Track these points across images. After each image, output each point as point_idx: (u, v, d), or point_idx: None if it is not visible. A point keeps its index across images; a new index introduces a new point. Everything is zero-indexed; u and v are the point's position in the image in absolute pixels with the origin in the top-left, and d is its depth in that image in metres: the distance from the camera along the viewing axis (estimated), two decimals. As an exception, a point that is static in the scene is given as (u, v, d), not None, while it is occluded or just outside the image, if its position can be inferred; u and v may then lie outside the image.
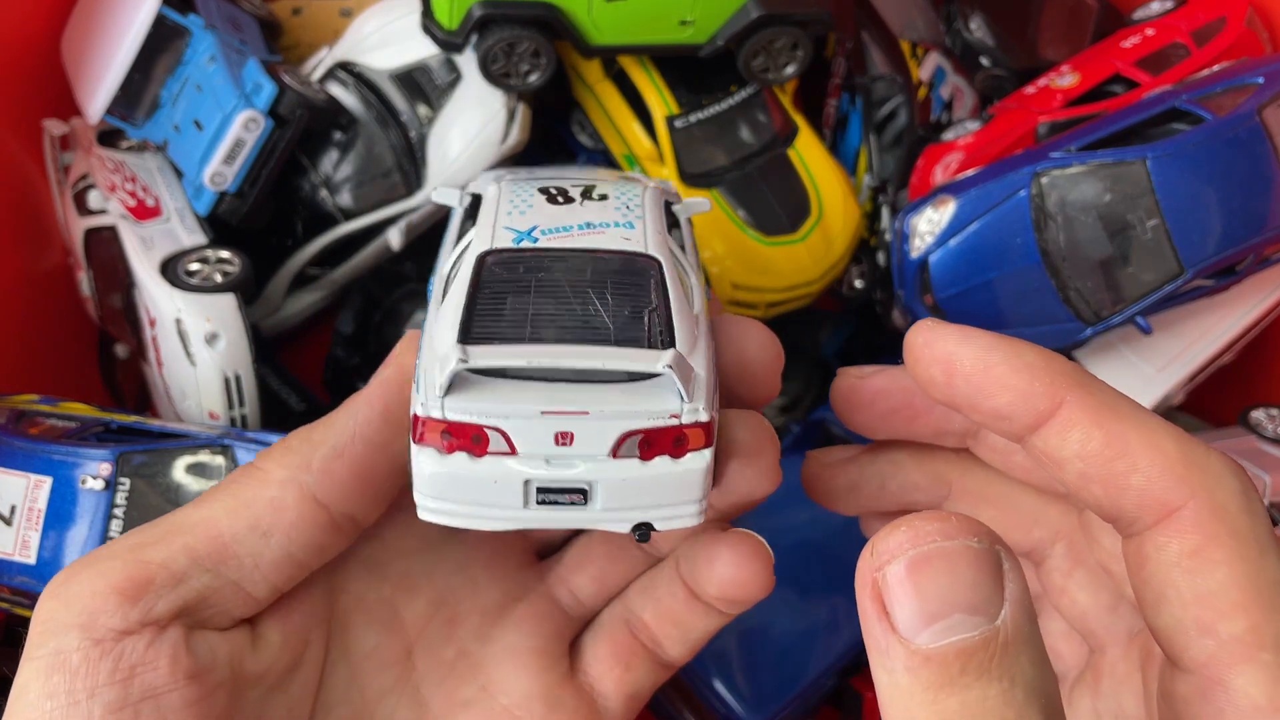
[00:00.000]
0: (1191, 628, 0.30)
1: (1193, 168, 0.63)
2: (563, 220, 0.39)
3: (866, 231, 0.81)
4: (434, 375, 0.32)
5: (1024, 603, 0.27)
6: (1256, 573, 0.30)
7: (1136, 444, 0.32)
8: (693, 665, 0.72)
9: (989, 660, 0.26)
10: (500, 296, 0.35)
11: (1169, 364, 0.72)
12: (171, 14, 0.70)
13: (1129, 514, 0.32)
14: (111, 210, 0.73)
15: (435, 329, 0.35)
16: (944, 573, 0.26)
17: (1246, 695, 0.29)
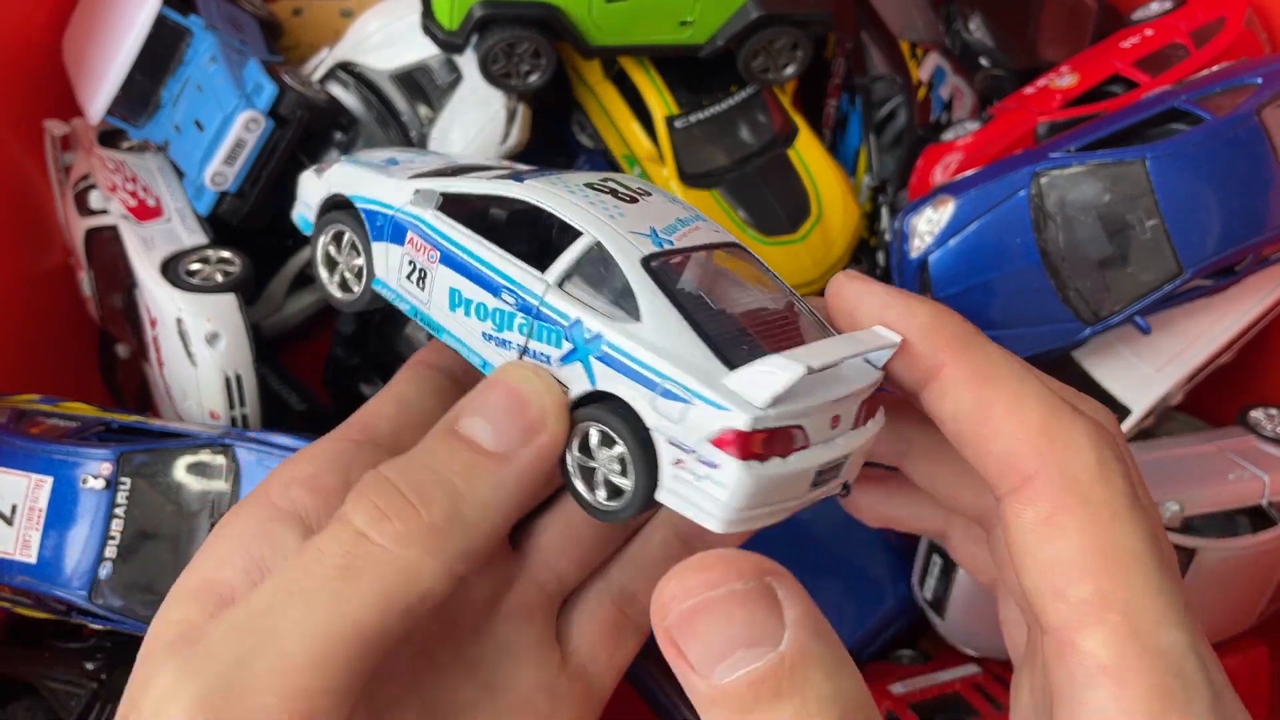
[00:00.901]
0: (1046, 592, 0.32)
1: (1192, 168, 0.63)
2: (660, 219, 0.39)
3: (866, 232, 0.82)
4: (750, 388, 0.33)
5: (806, 623, 0.29)
6: (1105, 538, 0.32)
7: (1001, 412, 0.34)
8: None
9: (778, 684, 0.28)
10: (702, 305, 0.36)
11: (1168, 364, 0.72)
12: (172, 14, 0.70)
13: (992, 479, 0.34)
14: (112, 210, 0.73)
15: (663, 344, 0.34)
16: (717, 617, 0.29)
17: (1094, 656, 0.31)
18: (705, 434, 0.33)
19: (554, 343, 0.37)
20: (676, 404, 0.33)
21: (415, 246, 0.41)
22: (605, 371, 0.35)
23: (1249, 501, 0.68)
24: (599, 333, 0.36)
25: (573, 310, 0.36)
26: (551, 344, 0.37)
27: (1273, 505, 0.68)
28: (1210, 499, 0.67)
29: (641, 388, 0.34)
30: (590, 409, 0.36)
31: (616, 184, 0.41)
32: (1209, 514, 0.67)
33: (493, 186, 0.41)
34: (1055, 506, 0.32)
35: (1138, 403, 0.72)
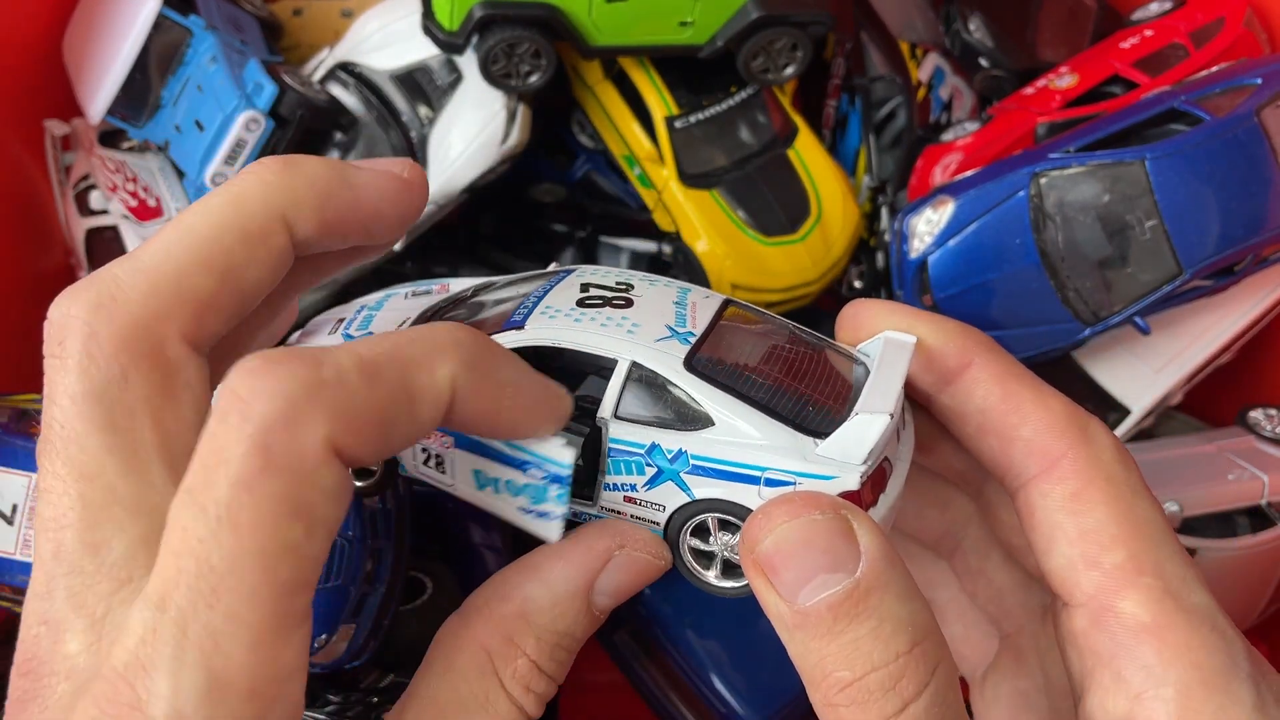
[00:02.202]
0: (1079, 562, 0.34)
1: (1191, 168, 0.63)
2: (664, 312, 0.39)
3: (866, 232, 0.82)
4: (847, 449, 0.34)
5: (880, 551, 0.32)
6: (1130, 510, 0.35)
7: (1029, 402, 0.37)
8: (693, 665, 0.72)
9: (855, 606, 0.31)
10: (754, 383, 0.37)
11: (1168, 364, 0.72)
12: (172, 15, 0.70)
13: (1018, 464, 0.37)
14: (113, 210, 0.74)
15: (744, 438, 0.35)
16: (799, 545, 0.32)
17: (1134, 616, 0.33)
18: None
19: (636, 471, 0.37)
20: (784, 489, 0.35)
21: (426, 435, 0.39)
22: (701, 480, 0.36)
23: (1248, 502, 0.68)
24: (680, 449, 0.36)
25: (643, 436, 0.37)
26: (633, 473, 0.37)
27: (1272, 505, 0.68)
28: (1210, 499, 0.67)
29: (744, 485, 0.35)
30: (706, 504, 0.36)
31: (598, 288, 0.40)
32: (1209, 514, 0.67)
33: (498, 340, 0.38)
34: (1084, 482, 0.35)
35: (1137, 403, 0.72)
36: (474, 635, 0.36)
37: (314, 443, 0.29)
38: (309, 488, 0.29)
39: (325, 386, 0.30)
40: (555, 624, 0.36)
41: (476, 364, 0.33)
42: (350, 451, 0.30)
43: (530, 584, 0.37)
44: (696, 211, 0.76)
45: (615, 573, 0.37)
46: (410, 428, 0.32)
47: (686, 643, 0.73)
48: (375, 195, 0.38)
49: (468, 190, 0.75)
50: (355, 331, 0.43)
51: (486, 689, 0.36)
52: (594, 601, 0.37)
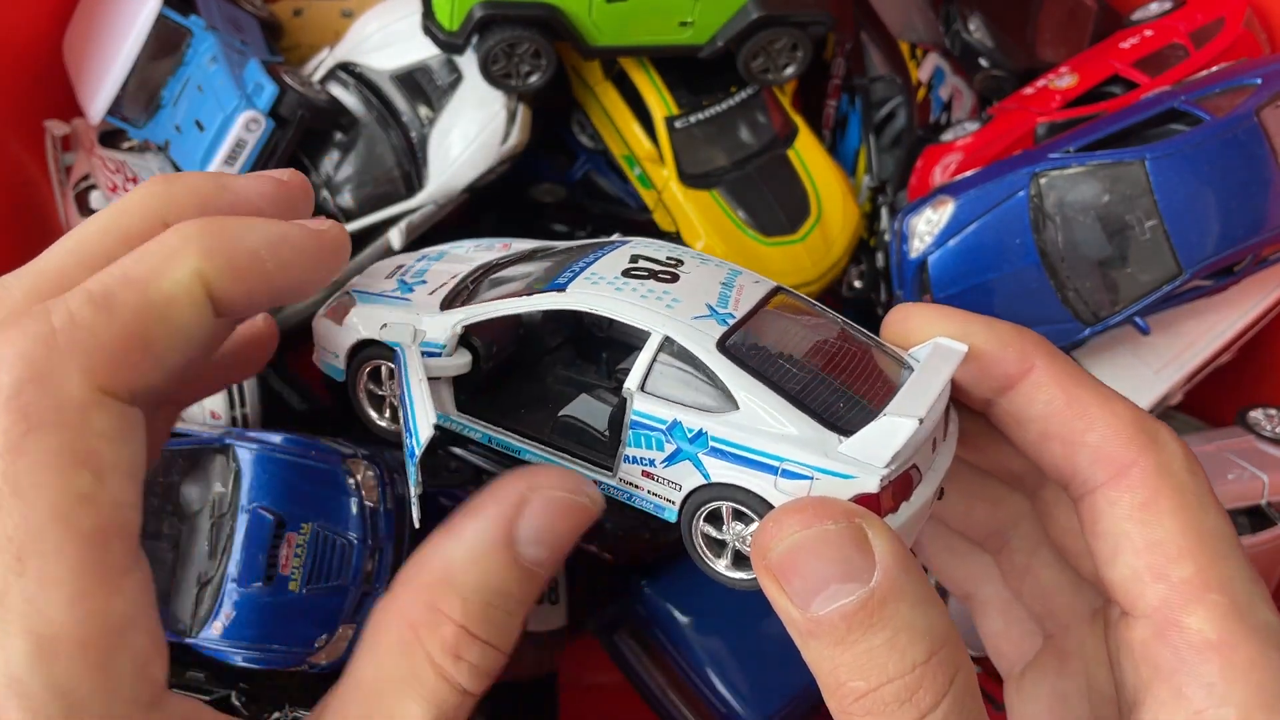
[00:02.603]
0: (1145, 574, 0.34)
1: (1191, 168, 0.63)
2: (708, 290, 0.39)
3: (866, 232, 0.82)
4: (870, 450, 0.33)
5: (896, 560, 0.31)
6: (1200, 522, 0.34)
7: (1095, 407, 0.36)
8: (693, 665, 0.72)
9: (869, 617, 0.30)
10: (786, 371, 0.36)
11: (1167, 364, 0.72)
12: (172, 15, 0.70)
13: (1084, 471, 0.36)
14: (113, 210, 0.74)
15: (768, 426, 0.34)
16: (812, 555, 0.31)
17: (1199, 633, 0.32)
18: None
19: (655, 446, 0.37)
20: (801, 482, 0.34)
21: None
22: (718, 464, 0.35)
23: (1249, 501, 0.68)
24: (701, 429, 0.35)
25: (666, 412, 0.36)
26: (653, 448, 0.37)
27: (1272, 505, 0.68)
28: (1209, 499, 0.67)
29: (761, 473, 0.35)
30: (721, 490, 0.36)
31: (647, 260, 0.40)
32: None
33: (537, 302, 0.39)
34: (1153, 492, 0.34)
35: (1137, 403, 0.72)
36: (397, 609, 0.34)
37: (72, 389, 0.30)
38: (84, 434, 0.30)
39: (60, 333, 0.30)
40: (481, 582, 0.33)
41: (217, 245, 0.33)
42: (121, 385, 0.31)
43: (448, 545, 0.34)
44: (696, 211, 0.76)
45: (533, 518, 0.35)
46: (175, 336, 0.32)
47: (687, 643, 0.73)
48: (253, 196, 0.38)
49: (468, 190, 0.75)
50: (410, 279, 0.43)
51: (413, 664, 0.33)
52: (521, 553, 0.34)
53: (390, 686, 0.33)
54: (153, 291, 0.32)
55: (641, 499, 0.38)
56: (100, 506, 0.30)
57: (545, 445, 0.40)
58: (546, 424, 0.40)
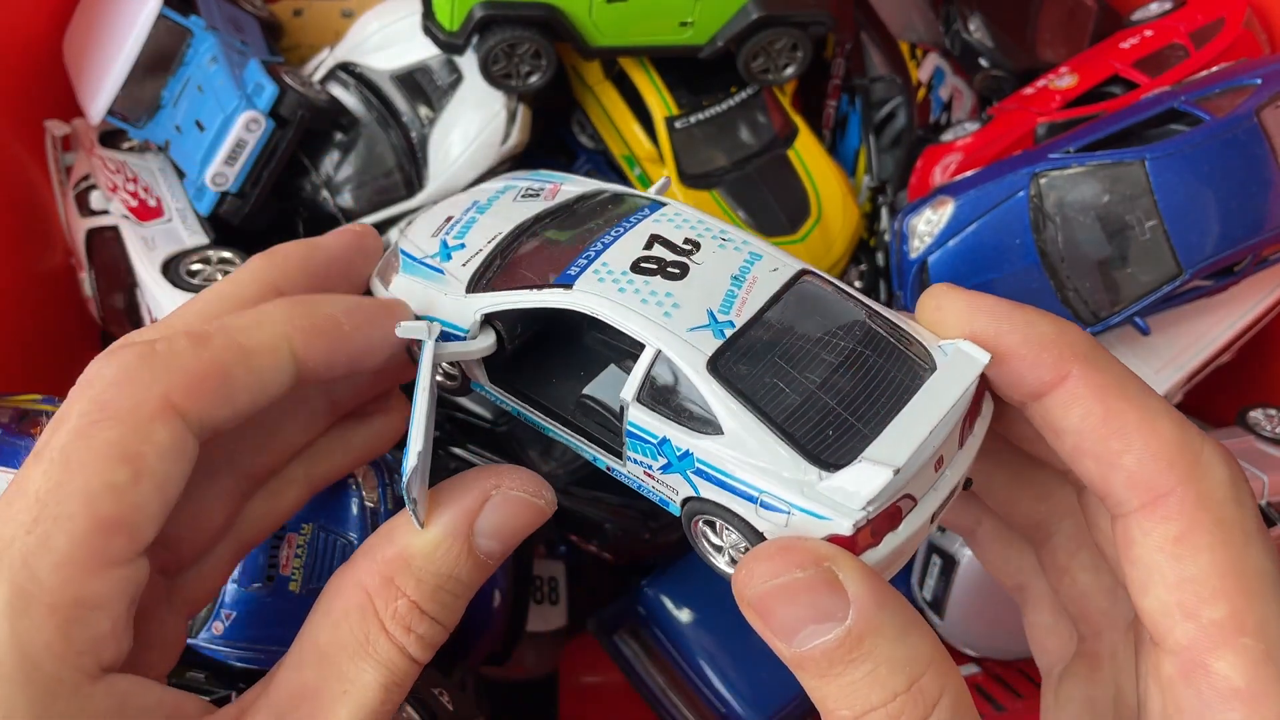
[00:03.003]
0: (1175, 611, 0.32)
1: (1191, 168, 0.63)
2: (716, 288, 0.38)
3: (866, 232, 0.82)
4: (847, 492, 0.33)
5: (870, 597, 0.31)
6: (1239, 560, 0.32)
7: (1134, 425, 0.33)
8: (693, 665, 0.72)
9: (848, 653, 0.31)
10: (779, 393, 0.35)
11: (1167, 364, 0.72)
12: (173, 15, 0.70)
13: (1118, 494, 0.34)
14: (113, 211, 0.74)
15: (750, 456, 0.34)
16: (782, 602, 0.32)
17: (1226, 679, 0.31)
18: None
19: (650, 456, 0.37)
20: (779, 515, 0.34)
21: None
22: (704, 484, 0.36)
23: (1248, 502, 0.68)
24: (688, 450, 0.36)
25: (657, 428, 0.37)
26: (648, 457, 0.38)
27: (1272, 505, 0.68)
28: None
29: (741, 500, 0.35)
30: (710, 504, 0.36)
31: (663, 244, 0.40)
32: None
33: (545, 298, 0.39)
34: (1189, 525, 0.32)
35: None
36: (356, 577, 0.37)
37: (148, 397, 0.34)
38: (141, 439, 0.33)
39: (157, 354, 0.34)
40: (436, 566, 0.37)
41: (303, 310, 0.38)
42: (191, 407, 0.34)
43: (412, 527, 0.37)
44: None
45: (493, 513, 0.37)
46: (252, 378, 0.36)
47: (687, 643, 0.73)
48: (339, 250, 0.44)
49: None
50: (452, 239, 0.44)
51: (367, 629, 0.36)
52: (477, 544, 0.37)
53: (345, 649, 0.36)
54: (242, 338, 0.36)
55: (649, 490, 0.39)
56: (122, 502, 0.33)
57: (567, 427, 0.41)
58: (572, 398, 0.41)
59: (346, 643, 0.36)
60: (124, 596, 0.33)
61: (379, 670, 0.36)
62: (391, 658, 0.36)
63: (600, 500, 0.72)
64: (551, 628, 0.81)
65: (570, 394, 0.41)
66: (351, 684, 0.36)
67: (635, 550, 0.77)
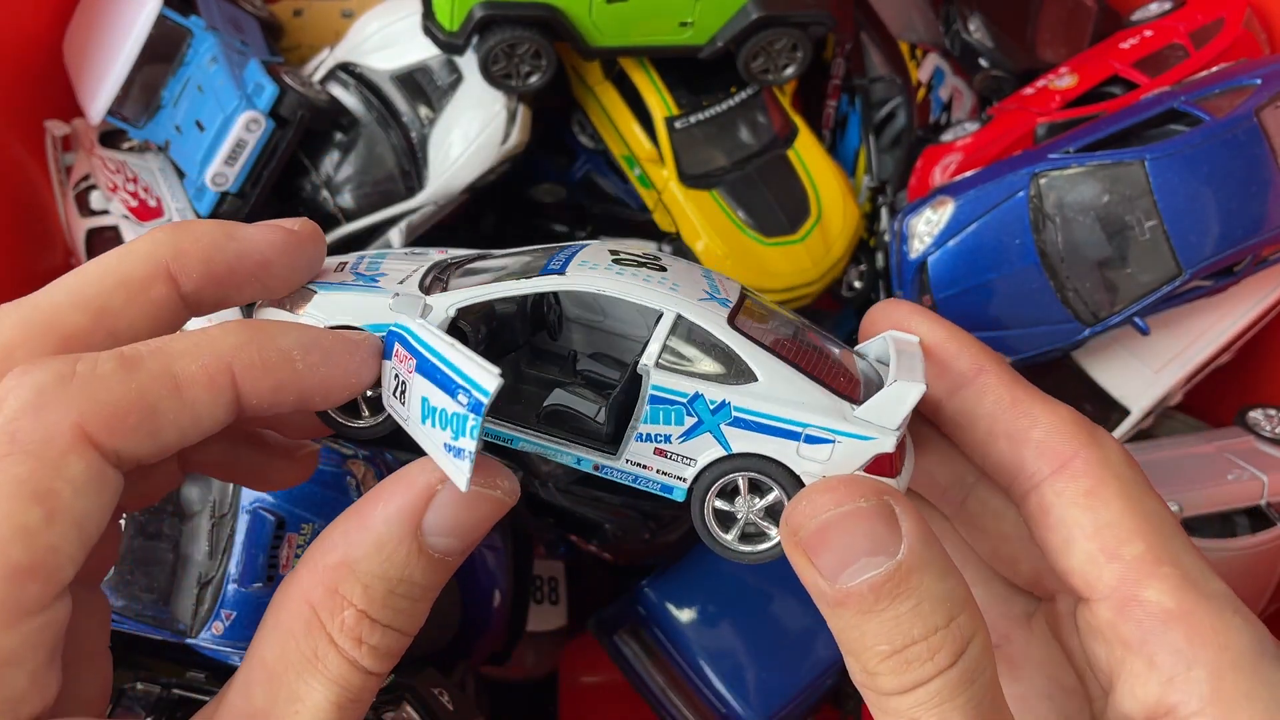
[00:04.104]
0: (1099, 555, 0.36)
1: (1191, 169, 0.63)
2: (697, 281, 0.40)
3: (866, 232, 0.82)
4: (884, 414, 0.36)
5: (920, 533, 0.33)
6: (1142, 505, 0.36)
7: (1038, 406, 0.38)
8: (693, 665, 0.72)
9: (896, 587, 0.32)
10: (788, 350, 0.38)
11: (1167, 364, 0.72)
12: (173, 15, 0.70)
13: (1030, 465, 0.38)
14: (113, 211, 0.74)
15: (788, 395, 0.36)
16: (843, 531, 0.33)
17: (1158, 604, 0.34)
18: (856, 465, 0.36)
19: (674, 421, 0.37)
20: (823, 446, 0.36)
21: (399, 358, 0.39)
22: (740, 434, 0.37)
23: (1248, 502, 0.68)
24: (724, 400, 0.37)
25: (688, 385, 0.37)
26: (670, 423, 0.37)
27: (1271, 506, 0.68)
28: (1209, 499, 0.67)
29: (784, 440, 0.36)
30: (740, 461, 0.37)
31: (627, 254, 0.41)
32: (1208, 514, 0.67)
33: (539, 284, 0.39)
34: (1096, 481, 0.36)
35: (1137, 403, 0.72)
36: (299, 590, 0.34)
37: (60, 429, 0.30)
38: (54, 474, 0.30)
39: (77, 377, 0.31)
40: (383, 569, 0.33)
41: (252, 339, 0.34)
42: (110, 441, 0.31)
43: (353, 530, 0.34)
44: (696, 212, 0.76)
45: (442, 509, 0.34)
46: (183, 414, 0.33)
47: (687, 643, 0.73)
48: (263, 246, 0.38)
49: (468, 190, 0.75)
50: (365, 272, 0.42)
51: (315, 644, 0.33)
52: (428, 543, 0.34)
53: (293, 667, 0.34)
54: (177, 366, 0.33)
55: (648, 480, 0.39)
56: (35, 545, 0.30)
57: (538, 433, 0.40)
58: (529, 415, 0.40)
59: (294, 660, 0.34)
60: (42, 645, 0.31)
61: (330, 687, 0.33)
62: (343, 673, 0.34)
63: (600, 500, 0.72)
64: (551, 628, 0.81)
65: (526, 411, 0.40)
66: (302, 703, 0.33)
67: (635, 550, 0.77)
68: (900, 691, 0.32)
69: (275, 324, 0.36)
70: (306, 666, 0.34)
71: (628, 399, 0.38)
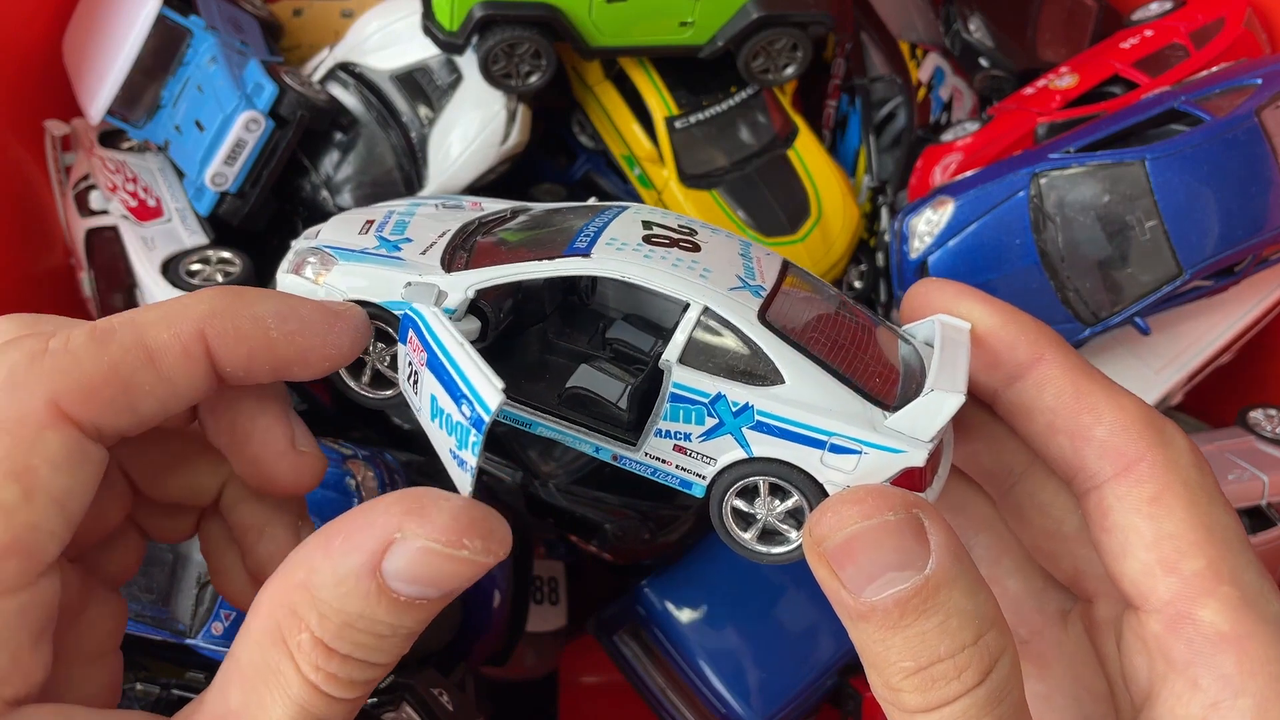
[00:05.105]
0: (1156, 567, 0.34)
1: (1191, 169, 0.63)
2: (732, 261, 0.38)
3: (866, 232, 0.82)
4: (917, 425, 0.34)
5: (949, 548, 0.32)
6: (1209, 516, 0.34)
7: (1103, 401, 0.36)
8: (693, 665, 0.72)
9: (923, 603, 0.31)
10: (822, 345, 0.36)
11: (1168, 364, 0.72)
12: (172, 15, 0.70)
13: (1091, 465, 0.36)
14: (113, 211, 0.74)
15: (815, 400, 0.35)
16: (870, 545, 0.31)
17: (1212, 625, 0.33)
18: (883, 478, 0.34)
19: (695, 420, 0.36)
20: (850, 456, 0.34)
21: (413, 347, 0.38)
22: (762, 439, 0.35)
23: (1249, 502, 0.68)
24: (747, 403, 0.35)
25: (710, 385, 0.35)
26: (691, 422, 0.36)
27: (1272, 506, 0.68)
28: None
29: (807, 448, 0.35)
30: (762, 465, 0.36)
31: (661, 227, 0.39)
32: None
33: (560, 266, 0.37)
34: (1162, 486, 0.34)
35: (1137, 403, 0.72)
36: (268, 598, 0.33)
37: (34, 406, 0.31)
38: (29, 451, 0.30)
39: (49, 354, 0.31)
40: (340, 604, 0.31)
41: (226, 307, 0.34)
42: (87, 416, 0.31)
43: (318, 554, 0.32)
44: (696, 212, 0.76)
45: (400, 559, 0.31)
46: (160, 385, 0.33)
47: (687, 643, 0.73)
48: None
49: (468, 190, 0.75)
50: (390, 235, 0.41)
51: (278, 658, 0.32)
52: (393, 588, 0.31)
53: (260, 674, 0.32)
54: (150, 336, 0.33)
55: (667, 474, 0.38)
56: (14, 523, 0.30)
57: (558, 418, 0.38)
58: (551, 396, 0.39)
59: (261, 668, 0.32)
60: (24, 626, 0.31)
61: (289, 705, 0.32)
62: (303, 693, 0.32)
63: (600, 500, 0.72)
64: (551, 628, 0.81)
65: (548, 390, 0.39)
66: (268, 713, 0.32)
67: (635, 550, 0.77)
68: (924, 710, 0.31)
69: (252, 291, 0.36)
70: (271, 677, 0.32)
71: (651, 387, 0.37)
